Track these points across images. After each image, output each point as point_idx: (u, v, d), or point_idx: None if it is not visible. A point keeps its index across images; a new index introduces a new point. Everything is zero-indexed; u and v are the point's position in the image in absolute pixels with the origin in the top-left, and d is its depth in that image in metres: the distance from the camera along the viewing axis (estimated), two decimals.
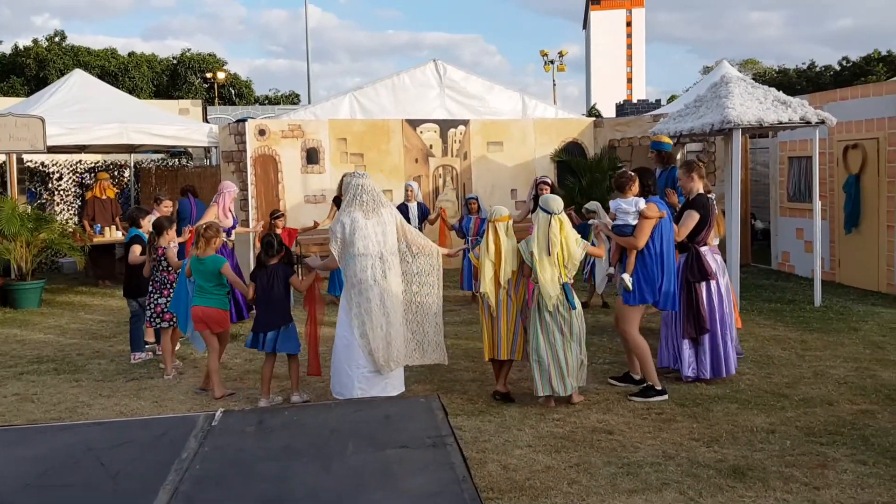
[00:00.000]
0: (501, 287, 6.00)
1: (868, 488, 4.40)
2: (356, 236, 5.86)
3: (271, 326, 6.22)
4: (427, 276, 6.11)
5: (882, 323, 8.57)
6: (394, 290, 5.93)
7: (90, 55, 51.53)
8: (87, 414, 6.09)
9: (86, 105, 12.67)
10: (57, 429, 3.89)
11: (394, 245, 6.00)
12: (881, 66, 50.63)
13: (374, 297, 5.85)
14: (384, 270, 5.89)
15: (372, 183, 6.08)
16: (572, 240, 5.91)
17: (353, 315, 5.92)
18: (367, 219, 5.90)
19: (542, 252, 5.83)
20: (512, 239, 6.09)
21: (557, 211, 5.90)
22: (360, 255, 5.86)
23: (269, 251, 6.27)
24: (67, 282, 13.22)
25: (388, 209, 6.07)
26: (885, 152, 10.35)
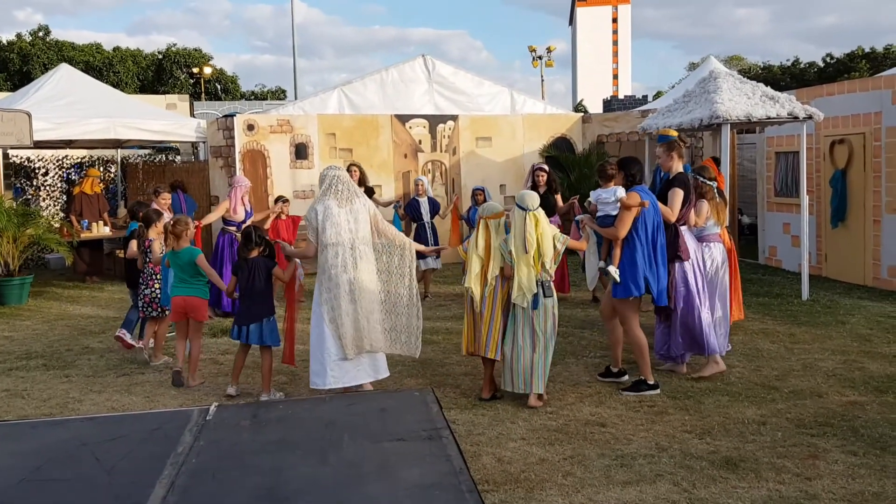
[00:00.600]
0: (489, 284, 5.95)
1: (859, 478, 4.44)
2: (327, 224, 5.93)
3: (253, 319, 6.25)
4: (399, 267, 6.11)
5: (869, 316, 8.65)
6: (365, 278, 5.92)
7: (74, 50, 51.10)
8: (78, 409, 6.06)
9: (72, 99, 12.59)
10: (50, 424, 3.87)
11: (366, 236, 6.01)
12: (864, 63, 51.01)
13: (343, 284, 5.88)
14: (355, 259, 5.91)
15: (346, 175, 6.17)
16: (548, 236, 5.83)
17: (324, 301, 5.98)
18: (340, 207, 5.96)
19: (519, 250, 5.77)
20: (502, 235, 6.04)
21: (532, 207, 5.81)
22: (332, 243, 5.92)
23: (248, 244, 6.31)
24: (55, 278, 13.13)
25: (362, 200, 6.08)
26: (871, 147, 10.43)
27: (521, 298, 5.78)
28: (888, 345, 7.40)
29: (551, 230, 5.89)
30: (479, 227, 6.07)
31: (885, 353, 7.08)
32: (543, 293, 5.80)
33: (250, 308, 6.27)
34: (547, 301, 5.83)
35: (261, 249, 6.33)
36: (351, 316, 5.90)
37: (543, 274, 5.81)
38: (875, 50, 53.16)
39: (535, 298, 5.76)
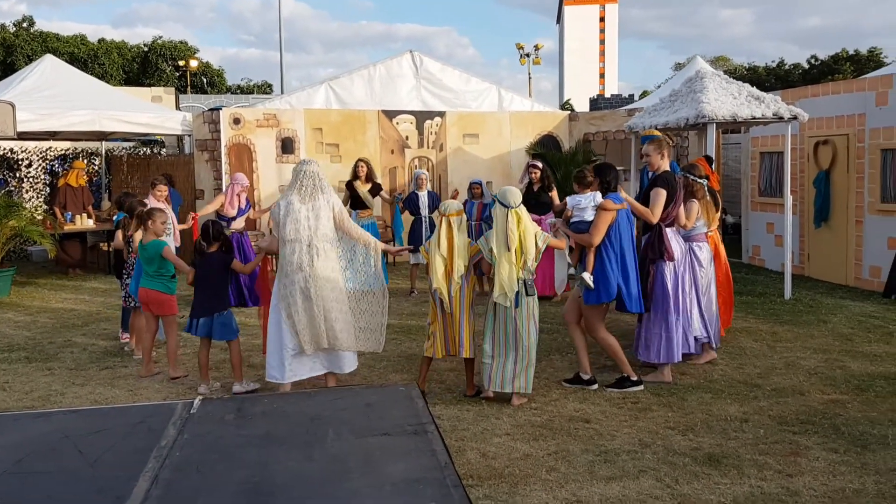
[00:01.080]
0: (454, 282, 5.87)
1: (840, 475, 4.49)
2: (288, 219, 5.88)
3: (204, 312, 6.29)
4: (363, 265, 6.06)
5: (850, 315, 8.73)
6: (322, 276, 5.83)
7: (59, 41, 50.66)
8: (61, 402, 6.02)
9: (57, 91, 12.47)
10: (32, 416, 3.84)
11: (327, 233, 5.90)
12: (848, 66, 51.42)
13: (299, 281, 5.82)
14: (311, 257, 5.82)
15: (316, 170, 6.02)
16: (530, 233, 5.77)
17: (281, 297, 5.94)
18: (301, 203, 5.89)
19: (501, 248, 5.71)
20: (464, 233, 5.98)
21: (515, 204, 5.74)
22: (290, 239, 5.85)
23: (206, 238, 6.36)
24: (37, 270, 13.03)
25: (327, 197, 5.96)
26: (855, 148, 10.53)
27: (504, 298, 5.71)
28: (869, 344, 7.47)
29: (533, 228, 5.84)
30: (440, 226, 5.96)
31: (866, 352, 7.15)
32: (525, 291, 5.75)
33: (203, 302, 6.32)
34: (529, 299, 5.78)
35: (219, 244, 6.37)
36: (307, 313, 5.83)
37: (524, 272, 5.76)
38: (859, 52, 53.61)
39: (517, 297, 5.72)
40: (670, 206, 6.30)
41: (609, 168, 6.30)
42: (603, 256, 6.00)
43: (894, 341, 7.57)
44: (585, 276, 5.97)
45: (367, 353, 7.31)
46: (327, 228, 5.91)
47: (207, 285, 6.32)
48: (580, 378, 6.26)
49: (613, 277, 5.99)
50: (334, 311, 5.89)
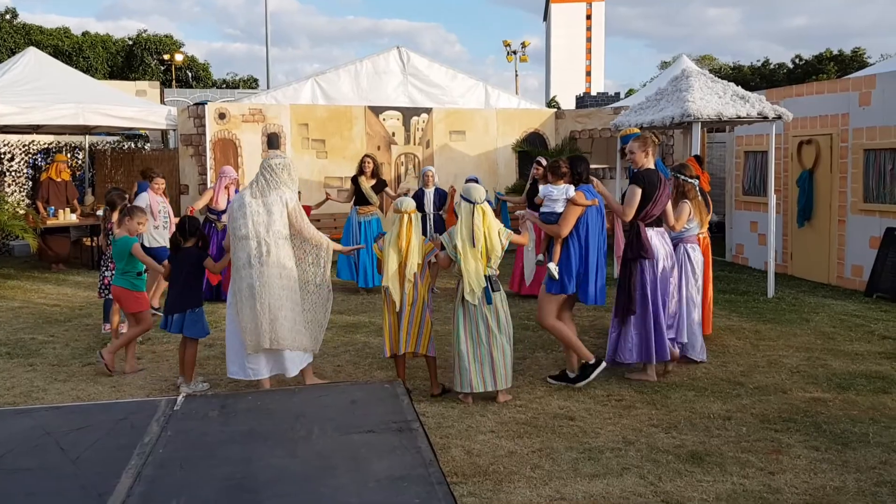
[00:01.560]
0: (407, 280, 5.83)
1: (821, 473, 4.52)
2: (239, 215, 5.82)
3: (177, 308, 6.27)
4: (313, 265, 6.00)
5: (832, 314, 8.80)
6: (272, 273, 5.74)
7: (43, 34, 50.20)
8: (43, 399, 5.97)
9: (40, 84, 12.35)
10: (13, 413, 3.81)
11: (279, 231, 5.80)
12: (832, 66, 51.81)
13: (247, 277, 5.75)
14: (261, 254, 5.73)
15: (276, 163, 5.89)
16: (495, 230, 5.73)
17: (232, 293, 5.91)
18: (253, 198, 5.82)
19: (466, 244, 5.65)
20: (419, 231, 5.94)
21: (480, 200, 5.70)
22: (242, 236, 5.78)
23: (182, 234, 6.35)
24: (19, 265, 12.91)
25: (280, 193, 5.85)
26: (838, 148, 10.60)
27: (473, 296, 5.66)
28: (850, 343, 7.53)
29: (497, 224, 5.80)
30: (396, 223, 5.92)
31: (848, 351, 7.21)
32: (492, 287, 5.72)
33: (176, 298, 6.30)
34: (496, 295, 5.74)
35: (195, 240, 6.36)
36: (252, 311, 5.74)
37: (489, 269, 5.72)
38: (843, 52, 54.03)
39: (487, 293, 5.69)
40: (649, 205, 6.14)
41: (581, 160, 6.26)
42: (568, 249, 6.00)
43: (875, 340, 7.64)
44: (551, 267, 5.98)
45: (351, 351, 7.33)
46: (280, 227, 5.81)
47: (181, 281, 6.30)
48: (566, 375, 6.26)
49: (575, 269, 5.98)
50: (284, 310, 5.79)
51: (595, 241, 6.05)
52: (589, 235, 6.01)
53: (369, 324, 8.43)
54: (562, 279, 6.00)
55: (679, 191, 6.73)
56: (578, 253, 6.00)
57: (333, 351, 7.34)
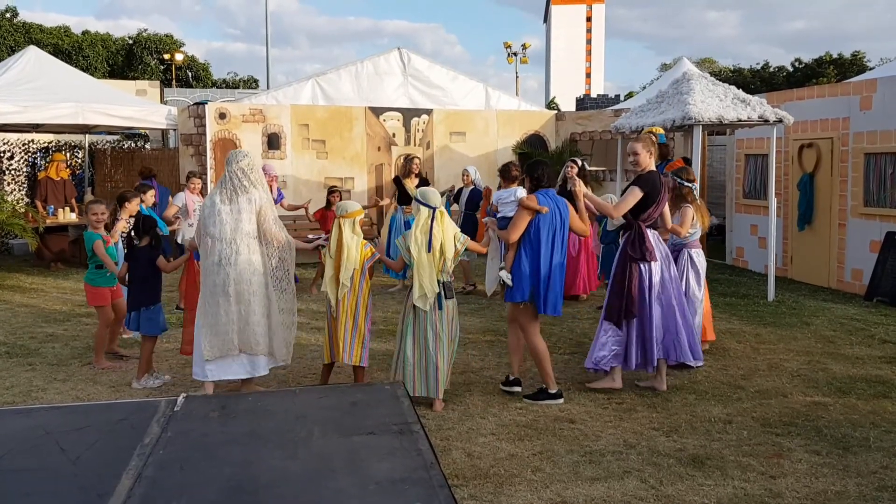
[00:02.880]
0: (342, 285, 5.75)
1: (822, 477, 4.51)
2: (209, 220, 5.76)
3: (135, 306, 6.41)
4: (277, 269, 5.91)
5: (833, 318, 8.79)
6: (242, 277, 5.68)
7: (42, 32, 50.17)
8: (42, 398, 5.95)
9: (40, 83, 12.35)
10: (12, 413, 3.79)
11: (249, 233, 5.73)
12: (832, 69, 51.87)
13: (214, 280, 5.70)
14: (229, 257, 5.67)
15: (242, 165, 5.82)
16: (450, 235, 5.63)
17: (201, 296, 5.87)
18: (222, 203, 5.75)
19: (421, 249, 5.54)
20: (358, 236, 5.85)
21: (436, 205, 5.61)
22: (212, 238, 5.73)
23: (136, 233, 6.47)
24: (18, 263, 12.88)
25: (250, 195, 5.75)
26: (839, 152, 10.60)
27: (424, 301, 5.55)
28: (851, 347, 7.53)
29: (452, 229, 5.70)
30: (334, 228, 5.87)
31: (848, 355, 7.21)
32: (444, 294, 5.62)
33: (135, 296, 6.44)
34: (448, 302, 5.63)
35: (148, 239, 6.44)
36: (226, 315, 5.68)
37: (443, 274, 5.63)
38: (843, 56, 54.07)
39: (439, 299, 5.59)
40: (651, 208, 5.98)
41: (540, 164, 6.00)
42: (520, 255, 5.76)
43: (875, 344, 7.64)
44: (503, 275, 5.80)
45: None
46: (250, 228, 5.74)
47: (136, 279, 6.45)
48: (508, 379, 6.11)
49: (526, 277, 5.74)
50: (256, 314, 5.73)
51: (550, 247, 5.76)
52: (541, 241, 5.73)
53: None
54: (515, 286, 5.76)
55: (677, 194, 6.61)
56: (530, 259, 5.75)
57: None
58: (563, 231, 5.83)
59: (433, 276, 5.55)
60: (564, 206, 5.85)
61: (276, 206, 9.73)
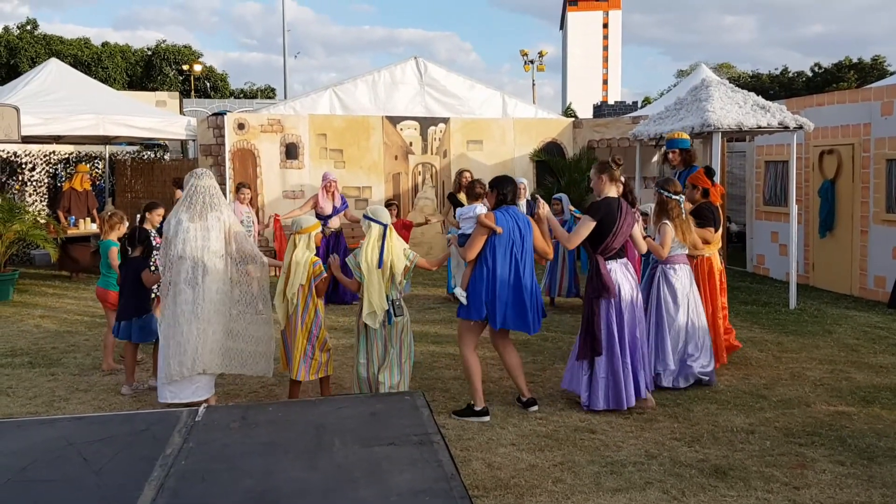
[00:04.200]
0: (289, 301, 5.77)
1: (846, 488, 4.46)
2: (177, 238, 5.66)
3: (125, 315, 6.57)
4: (249, 286, 5.87)
5: (855, 326, 8.70)
6: (207, 296, 5.62)
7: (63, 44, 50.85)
8: (65, 408, 6.00)
9: (61, 95, 12.50)
10: (36, 423, 3.82)
11: (216, 251, 5.68)
12: (852, 74, 51.52)
13: (185, 301, 5.60)
14: (196, 276, 5.61)
15: (207, 184, 5.80)
16: (399, 250, 5.58)
17: (163, 317, 5.76)
18: (191, 222, 5.67)
19: (372, 266, 5.50)
20: (311, 252, 5.84)
21: (386, 221, 5.57)
22: (179, 257, 5.63)
23: (130, 244, 6.63)
24: (40, 274, 13.00)
25: (217, 213, 5.74)
26: (860, 158, 10.51)
27: (373, 319, 5.52)
28: (874, 355, 7.44)
29: (401, 245, 5.65)
30: (289, 243, 5.92)
31: (872, 364, 7.12)
32: (394, 312, 5.54)
33: (124, 305, 6.60)
34: (398, 319, 5.56)
35: (141, 250, 6.61)
36: (185, 335, 5.59)
37: (393, 291, 5.58)
38: (862, 60, 53.67)
39: (389, 316, 5.55)
40: (608, 238, 5.69)
41: (507, 181, 5.85)
42: (475, 273, 5.67)
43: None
44: (457, 292, 5.75)
45: None
46: (217, 247, 5.69)
47: (128, 289, 6.57)
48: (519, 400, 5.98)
49: (481, 296, 5.61)
50: (217, 333, 5.70)
51: (508, 265, 5.63)
52: (497, 260, 5.61)
53: None
54: (471, 305, 5.66)
55: (661, 208, 6.34)
56: (486, 278, 5.61)
57: (352, 361, 7.30)
58: (524, 250, 5.69)
59: (382, 294, 5.51)
60: (525, 225, 5.73)
61: (339, 215, 9.98)
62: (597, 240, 5.72)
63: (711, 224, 6.75)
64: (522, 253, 5.67)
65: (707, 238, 6.69)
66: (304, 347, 5.80)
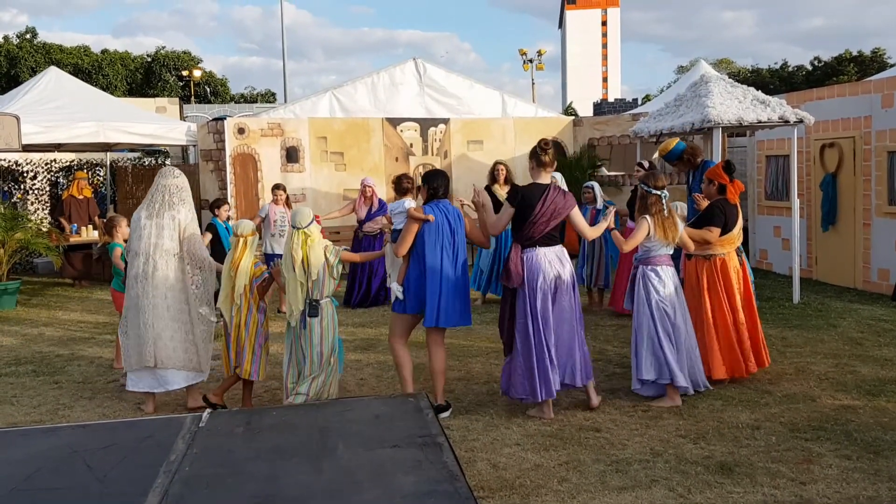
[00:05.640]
0: (234, 303, 5.84)
1: (853, 483, 4.44)
2: (135, 235, 6.02)
3: None
4: (197, 288, 6.07)
5: (860, 319, 8.68)
6: (158, 292, 5.90)
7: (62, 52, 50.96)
8: (69, 416, 6.00)
9: (61, 103, 12.51)
10: (41, 431, 3.83)
11: (169, 249, 5.94)
12: (852, 67, 51.45)
13: (135, 295, 5.94)
14: (147, 271, 5.90)
15: (170, 183, 6.07)
16: (318, 251, 5.53)
17: (124, 308, 6.14)
18: (148, 219, 5.97)
19: (288, 268, 5.54)
20: (251, 254, 5.92)
21: (302, 225, 5.54)
22: (134, 253, 5.98)
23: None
24: (43, 282, 13.04)
25: (173, 212, 6.00)
26: (861, 151, 10.49)
27: (291, 317, 5.59)
28: (879, 348, 7.42)
29: (322, 245, 5.61)
30: (233, 245, 5.98)
31: (877, 357, 7.10)
32: (309, 311, 5.53)
33: None
34: (313, 321, 5.54)
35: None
36: (138, 328, 5.92)
37: (315, 292, 5.55)
38: (862, 53, 53.61)
39: (307, 315, 5.55)
40: (527, 225, 5.57)
41: (437, 175, 5.84)
42: (409, 268, 5.68)
43: None
44: (394, 287, 5.74)
45: (374, 364, 7.31)
46: (170, 245, 5.94)
47: None
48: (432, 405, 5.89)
49: (414, 289, 5.62)
50: (169, 329, 5.92)
51: (434, 259, 5.60)
52: (426, 253, 5.59)
53: None
54: (406, 298, 5.67)
55: (642, 203, 6.06)
56: (418, 272, 5.62)
57: (356, 364, 7.33)
58: (455, 243, 5.67)
59: (297, 295, 5.52)
60: (456, 218, 5.70)
61: (378, 218, 10.16)
62: (517, 226, 5.65)
63: (718, 223, 6.32)
64: (453, 246, 5.67)
65: (707, 238, 6.30)
66: (253, 347, 5.93)
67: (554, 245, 5.66)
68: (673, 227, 5.98)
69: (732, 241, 6.44)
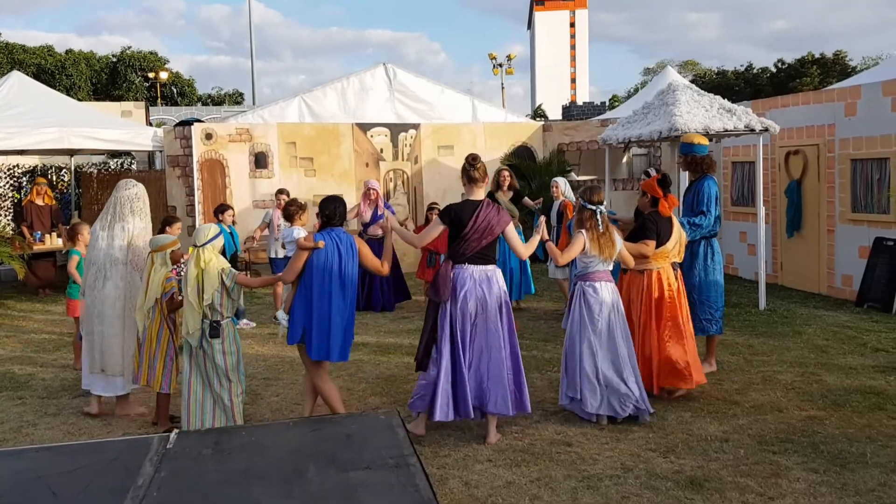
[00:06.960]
0: (145, 315, 5.90)
1: (821, 497, 4.49)
2: (91, 245, 6.33)
3: None
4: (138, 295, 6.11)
5: (824, 326, 8.81)
6: (107, 300, 6.14)
7: (25, 52, 50.03)
8: (33, 434, 5.87)
9: (24, 109, 12.24)
10: (4, 454, 3.75)
11: (118, 259, 6.15)
12: (814, 69, 52.29)
13: (90, 303, 6.23)
14: (96, 280, 6.16)
15: (122, 195, 6.23)
16: (213, 272, 5.42)
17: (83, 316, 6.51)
18: (101, 230, 6.23)
19: (185, 286, 5.47)
20: (166, 268, 5.89)
21: (199, 243, 5.47)
22: (90, 262, 6.27)
23: None
24: (5, 291, 12.75)
25: (123, 223, 6.19)
26: (825, 158, 10.65)
27: (190, 336, 5.50)
28: (843, 356, 7.54)
29: (218, 266, 5.51)
30: (147, 261, 6.00)
31: (841, 365, 7.21)
32: (209, 333, 5.43)
33: None
34: (214, 342, 5.44)
35: None
36: (90, 335, 6.22)
37: (214, 313, 5.44)
38: (825, 55, 54.48)
39: (201, 338, 5.48)
40: (458, 242, 5.45)
41: (332, 201, 5.62)
42: (296, 297, 5.49)
43: (868, 353, 7.65)
44: (279, 315, 5.63)
45: (345, 376, 7.26)
46: (119, 254, 6.15)
47: None
48: None
49: (299, 319, 5.43)
50: (117, 337, 6.16)
51: (322, 290, 5.40)
52: (313, 283, 5.41)
53: (362, 345, 8.33)
54: (290, 328, 5.48)
55: (578, 217, 5.98)
56: (303, 301, 5.43)
57: (352, 377, 7.23)
58: (343, 273, 5.45)
59: (194, 315, 5.44)
60: (348, 248, 5.49)
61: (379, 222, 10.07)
62: (449, 243, 5.55)
63: (651, 236, 6.22)
64: (340, 277, 5.44)
65: (643, 252, 6.18)
66: (164, 360, 5.97)
67: (486, 264, 5.51)
68: (609, 243, 5.86)
69: (666, 255, 6.30)
